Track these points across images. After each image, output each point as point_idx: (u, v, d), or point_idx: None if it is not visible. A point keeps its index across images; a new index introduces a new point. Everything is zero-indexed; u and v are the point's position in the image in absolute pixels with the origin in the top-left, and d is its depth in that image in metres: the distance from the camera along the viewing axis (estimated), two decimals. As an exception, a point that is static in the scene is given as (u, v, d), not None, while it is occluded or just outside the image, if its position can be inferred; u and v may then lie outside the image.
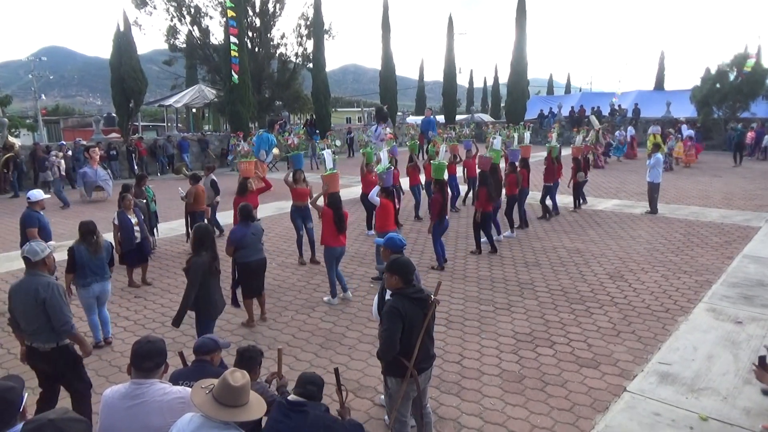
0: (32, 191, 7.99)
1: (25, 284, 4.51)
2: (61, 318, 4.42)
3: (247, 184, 9.41)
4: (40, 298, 4.38)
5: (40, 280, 4.48)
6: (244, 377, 2.72)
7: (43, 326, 4.45)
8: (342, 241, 7.87)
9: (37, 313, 4.41)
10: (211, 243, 5.69)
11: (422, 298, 3.95)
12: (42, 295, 4.38)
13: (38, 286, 4.42)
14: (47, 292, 4.40)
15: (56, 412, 2.25)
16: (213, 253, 5.68)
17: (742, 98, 26.22)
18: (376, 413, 5.02)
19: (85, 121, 43.77)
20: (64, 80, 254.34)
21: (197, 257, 5.57)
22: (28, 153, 19.76)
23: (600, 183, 17.99)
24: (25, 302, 4.46)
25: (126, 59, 24.28)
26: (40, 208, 7.79)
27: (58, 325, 4.42)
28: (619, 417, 4.87)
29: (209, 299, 5.65)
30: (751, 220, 12.27)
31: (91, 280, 6.42)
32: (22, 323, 4.55)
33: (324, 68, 30.19)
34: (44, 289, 4.41)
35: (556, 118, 32.37)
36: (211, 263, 5.61)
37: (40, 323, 4.44)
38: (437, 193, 9.34)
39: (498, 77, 59.25)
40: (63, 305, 4.46)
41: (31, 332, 4.51)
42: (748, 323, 6.76)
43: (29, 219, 7.68)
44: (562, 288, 8.27)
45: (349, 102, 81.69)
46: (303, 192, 9.79)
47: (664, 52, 44.97)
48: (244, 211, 7.25)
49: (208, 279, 5.60)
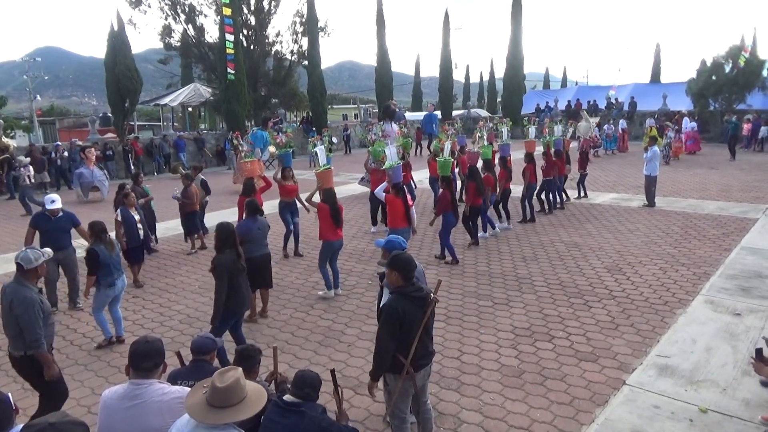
0: (48, 196, 7.92)
1: (7, 291, 4.50)
2: (31, 335, 4.38)
3: (254, 183, 9.36)
4: (14, 312, 4.39)
5: (20, 291, 4.43)
6: (233, 376, 2.67)
7: (16, 334, 4.45)
8: (339, 234, 7.95)
9: (12, 321, 4.44)
10: (234, 241, 5.72)
11: (422, 297, 3.94)
12: (15, 310, 4.38)
13: (14, 300, 4.39)
14: (21, 308, 4.37)
15: (56, 415, 2.25)
16: (237, 250, 5.72)
17: (737, 90, 26.23)
18: (375, 410, 5.02)
19: (80, 122, 43.68)
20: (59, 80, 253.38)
21: (222, 255, 5.59)
22: (25, 154, 19.71)
23: (597, 177, 18.00)
24: (3, 308, 4.49)
25: (121, 59, 24.22)
26: (51, 213, 7.61)
27: (28, 340, 4.39)
28: (618, 410, 4.87)
29: (239, 296, 5.67)
30: (748, 211, 12.29)
31: (116, 276, 6.50)
32: (2, 326, 4.62)
33: (319, 65, 30.15)
34: (19, 303, 4.38)
35: (553, 112, 32.36)
36: (236, 261, 5.64)
37: (14, 331, 4.45)
38: (445, 190, 9.32)
39: (494, 72, 59.19)
40: (34, 322, 4.38)
41: (10, 336, 4.53)
42: (747, 315, 6.77)
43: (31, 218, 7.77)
44: (561, 282, 8.27)
45: (345, 99, 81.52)
46: (291, 189, 9.98)
47: (659, 45, 45.07)
48: (252, 206, 7.34)
49: (236, 276, 5.62)
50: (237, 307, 5.70)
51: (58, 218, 7.64)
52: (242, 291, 5.71)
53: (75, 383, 5.72)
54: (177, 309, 7.79)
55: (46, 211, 7.64)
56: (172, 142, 23.84)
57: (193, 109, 36.11)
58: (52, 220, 7.61)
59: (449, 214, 9.29)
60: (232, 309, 5.67)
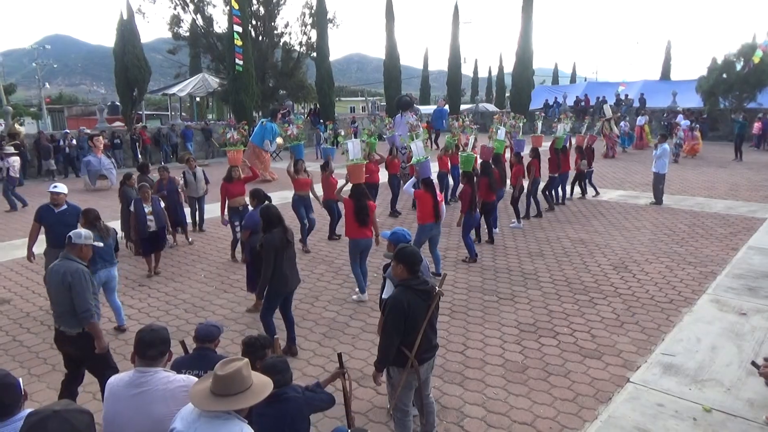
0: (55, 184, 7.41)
1: (57, 267, 4.63)
2: (83, 304, 4.50)
3: (233, 172, 9.48)
4: (67, 282, 4.52)
5: (70, 264, 4.60)
6: (235, 366, 2.66)
7: (69, 311, 4.56)
8: (366, 233, 7.47)
9: (64, 296, 4.54)
10: (278, 219, 5.81)
11: (426, 290, 3.94)
12: (68, 279, 4.52)
13: (66, 270, 4.54)
14: (74, 277, 4.53)
15: (60, 403, 2.27)
16: (283, 227, 5.81)
17: (748, 88, 25.97)
18: (379, 402, 5.03)
19: (89, 110, 43.82)
20: (68, 69, 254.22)
21: (270, 235, 5.68)
22: (33, 141, 19.81)
23: (605, 173, 17.91)
24: (55, 284, 4.60)
25: (130, 48, 24.25)
26: (54, 203, 7.10)
27: (79, 310, 4.51)
28: (622, 407, 4.87)
29: (280, 273, 5.72)
30: (756, 211, 12.21)
31: (99, 266, 6.38)
32: (52, 305, 4.71)
33: (328, 57, 30.09)
34: (72, 273, 4.53)
35: (561, 108, 32.19)
36: (283, 236, 5.73)
37: (66, 307, 4.56)
38: (466, 185, 9.19)
39: (503, 67, 58.88)
40: (86, 290, 4.56)
41: (59, 315, 4.64)
42: (752, 315, 6.73)
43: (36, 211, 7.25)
44: (566, 279, 8.25)
45: (353, 91, 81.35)
46: (304, 182, 9.86)
47: (670, 42, 44.58)
48: (259, 195, 7.32)
49: (281, 254, 5.69)
50: (279, 285, 5.78)
51: (63, 211, 7.11)
52: (284, 269, 5.76)
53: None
54: (182, 298, 7.82)
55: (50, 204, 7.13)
56: (180, 132, 23.89)
57: (201, 99, 36.16)
58: (56, 213, 7.10)
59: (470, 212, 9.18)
60: (275, 288, 5.78)
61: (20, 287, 8.33)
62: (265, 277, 5.68)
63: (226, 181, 9.45)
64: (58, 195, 7.12)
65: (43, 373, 5.76)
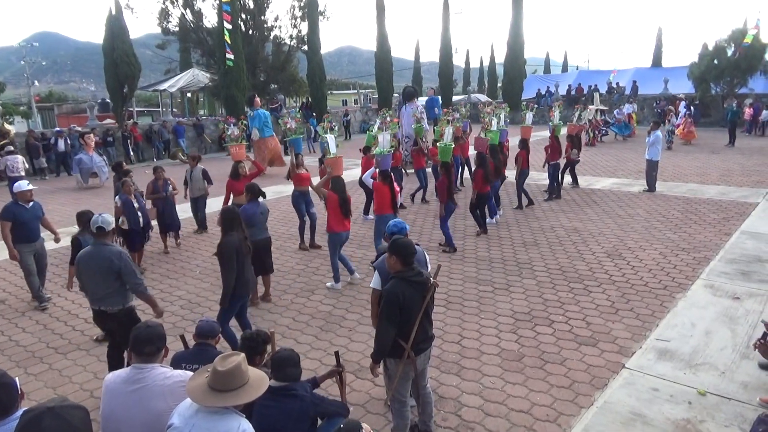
0: (18, 182, 7.46)
1: (96, 253, 4.84)
2: (135, 280, 4.89)
3: (239, 168, 9.42)
4: (115, 266, 4.78)
5: (112, 249, 4.89)
6: (234, 361, 2.67)
7: (115, 291, 4.86)
8: (347, 226, 7.76)
9: (110, 279, 4.81)
10: (239, 223, 5.72)
11: (421, 282, 3.95)
12: (117, 263, 4.78)
13: (111, 256, 4.80)
14: (121, 261, 4.81)
15: (54, 400, 2.27)
16: (242, 233, 5.72)
17: (739, 74, 26.07)
18: (376, 393, 5.05)
19: (79, 107, 43.52)
20: (57, 66, 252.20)
21: (228, 237, 5.57)
22: (23, 140, 19.66)
23: (597, 161, 17.96)
24: (98, 269, 4.80)
25: (119, 44, 24.03)
26: (25, 201, 7.15)
27: (135, 287, 4.89)
28: (617, 393, 4.91)
29: (242, 278, 5.64)
30: (748, 196, 12.28)
31: None
32: (90, 289, 4.96)
33: (319, 50, 29.94)
34: (118, 258, 4.81)
35: (554, 97, 32.20)
36: (242, 243, 5.64)
37: (112, 288, 4.85)
38: (443, 176, 9.26)
39: (494, 57, 58.70)
40: (136, 269, 4.97)
41: (101, 297, 4.89)
42: (746, 299, 6.79)
43: (3, 211, 7.14)
44: (561, 267, 8.29)
45: (345, 84, 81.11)
46: (305, 177, 9.73)
47: (661, 29, 44.73)
48: (253, 190, 7.30)
49: (242, 259, 5.61)
50: (241, 290, 5.68)
51: (33, 207, 7.22)
52: (245, 274, 5.69)
53: (77, 368, 5.76)
54: (178, 294, 7.81)
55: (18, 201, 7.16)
56: (172, 128, 23.77)
57: (192, 94, 35.95)
58: (28, 209, 7.16)
59: (448, 202, 9.25)
60: (237, 292, 5.62)
61: (15, 287, 8.29)
62: (228, 284, 5.50)
63: (233, 178, 9.34)
64: (30, 192, 7.24)
65: (40, 372, 5.74)
